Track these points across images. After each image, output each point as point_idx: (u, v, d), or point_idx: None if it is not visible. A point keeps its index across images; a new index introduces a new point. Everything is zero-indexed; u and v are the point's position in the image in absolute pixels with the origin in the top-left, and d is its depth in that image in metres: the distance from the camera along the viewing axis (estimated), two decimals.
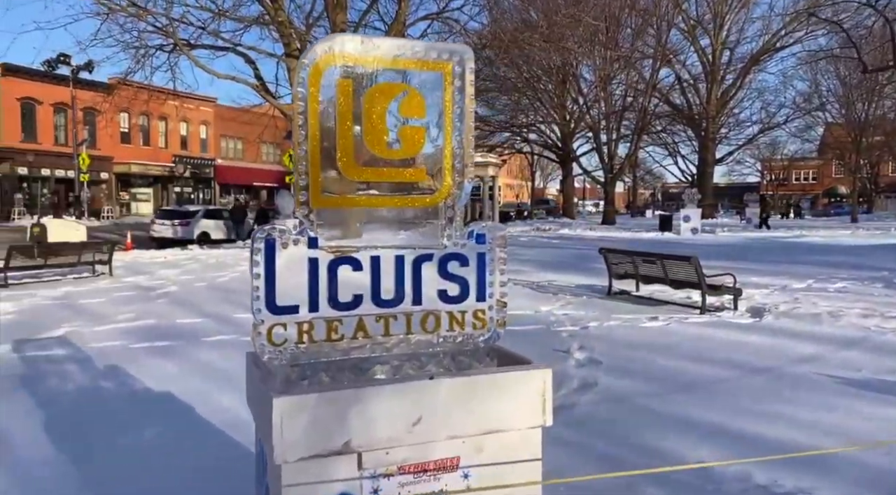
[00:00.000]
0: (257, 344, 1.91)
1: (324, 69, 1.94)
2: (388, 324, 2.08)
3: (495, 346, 2.20)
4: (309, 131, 1.93)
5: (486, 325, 2.18)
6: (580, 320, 8.17)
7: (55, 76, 36.20)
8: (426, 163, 2.10)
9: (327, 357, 2.00)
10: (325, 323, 1.99)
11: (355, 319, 2.04)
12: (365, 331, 2.04)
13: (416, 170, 2.09)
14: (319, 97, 1.94)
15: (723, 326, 7.79)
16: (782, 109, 44.10)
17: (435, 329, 2.13)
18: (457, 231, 2.14)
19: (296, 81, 1.93)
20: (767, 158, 65.09)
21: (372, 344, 2.06)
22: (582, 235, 27.01)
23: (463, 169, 2.12)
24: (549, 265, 14.86)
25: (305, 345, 1.96)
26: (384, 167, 2.06)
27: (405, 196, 2.08)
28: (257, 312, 1.90)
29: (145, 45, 18.04)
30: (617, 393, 5.16)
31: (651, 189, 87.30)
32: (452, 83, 2.06)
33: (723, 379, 5.53)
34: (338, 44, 1.95)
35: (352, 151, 1.99)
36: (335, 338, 2.00)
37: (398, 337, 2.09)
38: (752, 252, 18.29)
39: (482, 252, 2.17)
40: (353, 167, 2.00)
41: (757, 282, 11.16)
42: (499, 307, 2.19)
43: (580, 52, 30.67)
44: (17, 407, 4.89)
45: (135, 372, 5.84)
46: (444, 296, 2.14)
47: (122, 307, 9.45)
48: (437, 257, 2.13)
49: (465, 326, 2.16)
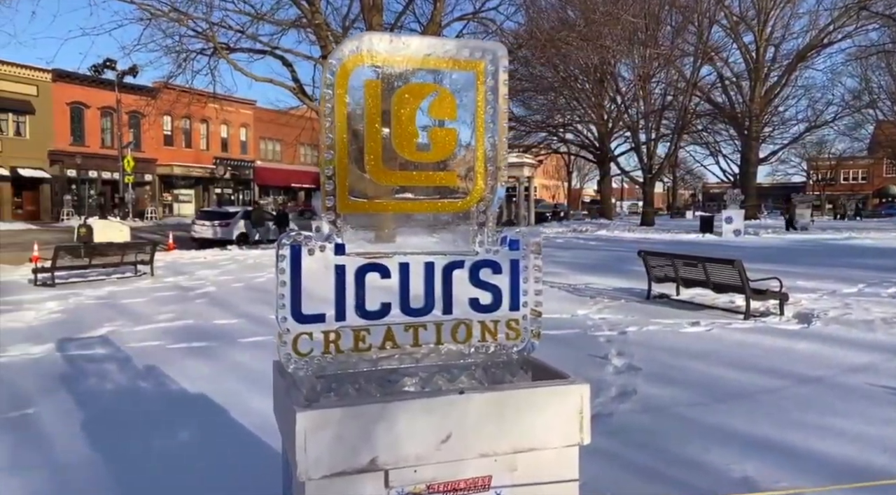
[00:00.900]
0: (282, 353, 1.85)
1: (352, 69, 1.87)
2: (417, 333, 2.00)
3: (530, 358, 2.10)
4: (336, 134, 1.86)
5: (520, 336, 2.08)
6: (618, 324, 7.97)
7: (102, 81, 37.34)
8: (457, 166, 2.01)
9: (354, 368, 1.93)
10: (352, 332, 1.93)
11: (383, 328, 1.97)
12: (393, 340, 1.97)
13: (446, 174, 2.00)
14: (347, 99, 1.87)
15: (768, 333, 7.50)
16: (830, 107, 42.72)
17: (466, 339, 2.04)
18: (489, 236, 2.05)
19: (323, 82, 1.86)
20: (814, 157, 63.10)
21: (400, 354, 1.98)
22: (619, 237, 26.56)
23: (496, 172, 2.03)
24: (585, 267, 14.62)
25: (332, 356, 1.90)
26: (413, 170, 1.98)
27: (435, 200, 2.00)
28: (282, 321, 1.85)
29: (186, 50, 18.42)
30: (657, 401, 4.99)
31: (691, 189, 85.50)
32: (485, 83, 1.96)
33: (769, 388, 5.30)
34: (366, 43, 1.87)
35: (380, 154, 1.92)
36: (362, 348, 1.93)
37: (428, 347, 2.01)
38: (798, 255, 17.68)
39: (516, 259, 2.07)
40: (381, 171, 1.92)
41: (804, 286, 10.75)
42: (533, 316, 2.09)
43: (619, 51, 30.16)
44: (57, 406, 4.98)
45: (171, 373, 5.91)
46: (476, 305, 2.05)
47: (162, 307, 9.62)
48: (469, 264, 2.04)
49: (498, 336, 2.07)
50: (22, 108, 36.67)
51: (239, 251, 20.48)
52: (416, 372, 1.99)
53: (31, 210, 38.19)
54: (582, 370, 5.86)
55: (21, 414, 4.82)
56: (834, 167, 65.29)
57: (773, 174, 71.08)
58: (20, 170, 36.36)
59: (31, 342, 7.28)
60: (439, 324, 2.02)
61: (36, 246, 16.71)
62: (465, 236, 2.05)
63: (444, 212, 2.02)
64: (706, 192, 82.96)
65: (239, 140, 49.57)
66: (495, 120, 2.00)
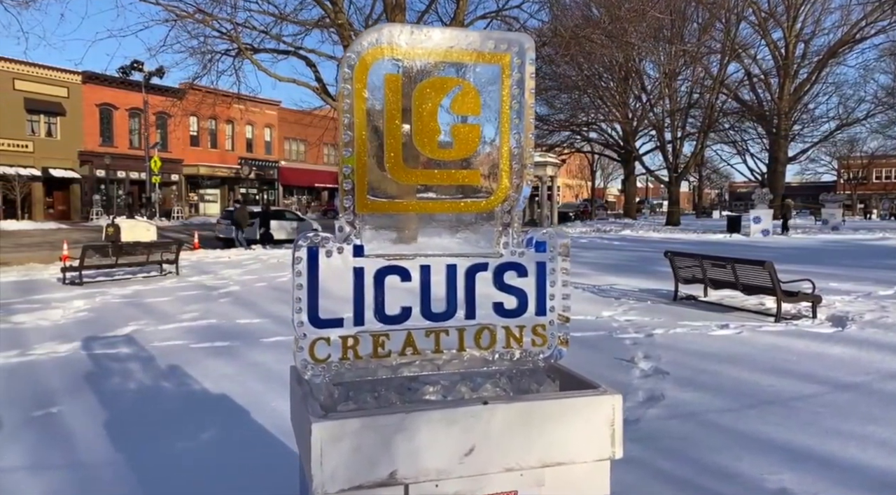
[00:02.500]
0: (299, 359, 1.78)
1: (371, 63, 1.79)
2: (438, 339, 1.91)
3: (557, 366, 2.00)
4: (355, 131, 1.79)
5: (547, 342, 1.98)
6: (644, 327, 7.80)
7: (130, 82, 37.98)
8: (481, 164, 1.92)
9: (373, 375, 1.85)
10: (371, 337, 1.85)
11: (404, 334, 1.88)
12: (414, 346, 1.88)
13: (469, 172, 1.91)
14: (366, 94, 1.79)
15: (801, 336, 7.27)
16: (862, 104, 41.64)
17: (490, 345, 1.95)
18: (514, 238, 1.96)
19: (341, 76, 1.78)
20: (845, 156, 61.68)
21: (421, 361, 1.90)
22: (645, 237, 26.20)
23: (521, 170, 1.93)
24: (610, 268, 14.41)
25: (350, 362, 1.82)
26: (435, 169, 1.89)
27: (458, 200, 1.91)
28: (299, 326, 1.77)
29: (211, 51, 18.58)
30: (686, 407, 4.84)
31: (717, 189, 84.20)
32: (511, 76, 1.87)
33: (803, 394, 5.12)
34: (386, 35, 1.79)
35: (400, 152, 1.83)
36: (382, 354, 1.85)
37: (450, 353, 1.92)
38: (830, 255, 17.24)
39: (542, 261, 1.97)
40: (402, 169, 1.84)
41: (837, 288, 10.45)
42: (561, 322, 1.99)
43: (644, 48, 29.75)
44: (80, 406, 4.99)
45: (194, 373, 5.91)
46: (501, 310, 1.95)
47: (186, 306, 9.68)
48: (493, 266, 1.94)
49: (524, 343, 1.97)
50: (53, 109, 37.47)
51: (262, 250, 20.61)
52: (438, 380, 1.90)
53: (62, 210, 39.01)
54: (608, 373, 5.75)
55: (45, 413, 4.84)
56: (866, 165, 63.76)
57: (802, 173, 69.72)
58: (51, 170, 37.16)
59: (58, 340, 7.36)
60: (462, 329, 1.93)
61: (66, 245, 17.02)
62: (488, 237, 1.96)
63: (467, 213, 1.93)
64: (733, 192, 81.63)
65: (263, 140, 50.05)
66: (521, 115, 1.90)
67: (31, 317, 8.91)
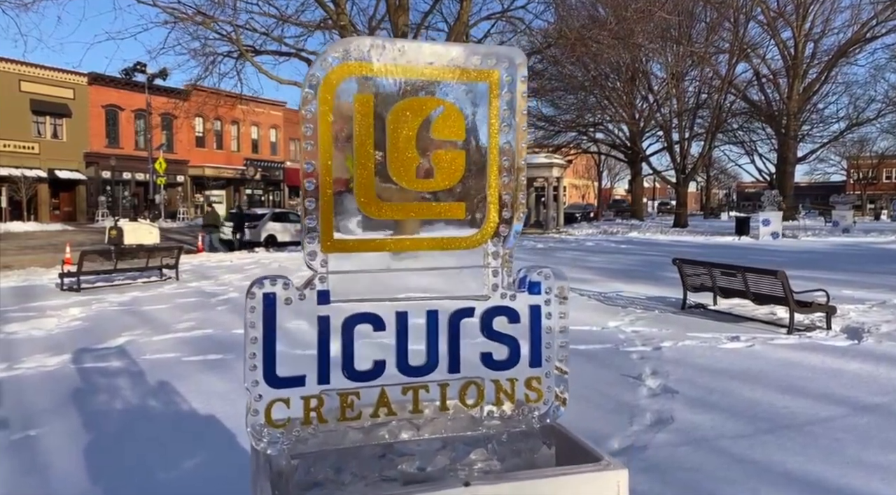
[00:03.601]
0: (253, 425, 1.54)
1: (337, 83, 1.55)
2: (417, 396, 1.67)
3: (555, 426, 1.75)
4: (319, 160, 1.55)
5: (542, 397, 1.74)
6: (652, 339, 7.54)
7: (136, 84, 37.94)
8: (466, 195, 1.68)
9: (340, 441, 1.61)
10: (338, 396, 1.61)
11: (377, 391, 1.65)
12: (388, 406, 1.64)
13: (451, 205, 1.67)
14: (331, 118, 1.55)
15: (816, 350, 6.99)
16: (872, 104, 41.15)
17: (477, 402, 1.71)
18: (505, 278, 1.71)
19: (303, 98, 1.54)
20: (854, 156, 61.05)
21: (398, 422, 1.66)
22: (652, 239, 25.87)
23: (512, 201, 1.69)
24: (616, 273, 14.13)
25: (313, 427, 1.58)
26: (413, 202, 1.65)
27: (439, 237, 1.67)
28: (253, 385, 1.54)
29: (213, 52, 18.40)
30: (697, 432, 4.58)
31: (725, 189, 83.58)
32: (500, 96, 1.63)
33: (822, 417, 4.85)
34: (354, 50, 1.55)
35: (371, 184, 1.60)
36: (350, 417, 1.61)
37: (431, 413, 1.68)
38: (841, 260, 16.89)
39: (537, 305, 1.73)
40: (374, 203, 1.60)
41: (850, 295, 10.14)
42: (559, 375, 1.75)
43: (651, 49, 29.40)
44: (62, 429, 4.78)
45: (184, 390, 5.69)
46: (490, 361, 1.71)
47: (183, 315, 9.48)
48: (481, 311, 1.71)
49: (516, 399, 1.73)
50: (59, 110, 37.48)
51: (265, 254, 20.44)
52: (415, 450, 1.66)
53: (68, 211, 39.03)
54: (614, 392, 5.49)
55: (24, 436, 4.64)
56: (876, 166, 63.08)
57: (811, 173, 69.12)
58: (57, 171, 37.17)
59: (49, 352, 7.17)
60: (444, 384, 1.69)
61: (68, 248, 16.89)
62: (476, 278, 1.72)
63: (450, 251, 1.68)
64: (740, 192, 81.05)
65: (269, 141, 49.97)
66: (512, 140, 1.66)
67: (25, 326, 8.74)
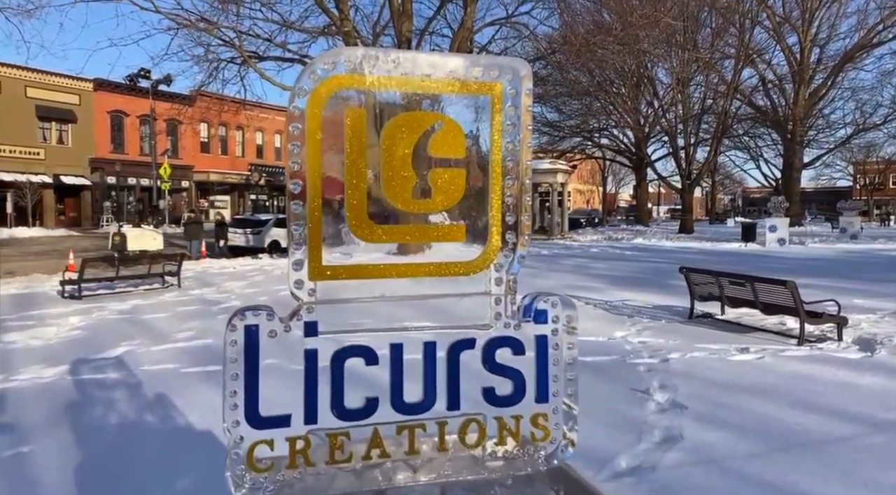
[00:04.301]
0: (233, 470, 1.42)
1: (327, 96, 1.43)
2: (413, 436, 1.54)
3: (562, 468, 1.62)
4: (308, 180, 1.43)
5: (549, 436, 1.61)
6: (659, 350, 7.39)
7: (141, 89, 38.02)
8: (466, 217, 1.55)
9: (328, 487, 1.48)
10: (326, 437, 1.48)
11: (369, 430, 1.52)
12: (382, 447, 1.52)
13: (451, 228, 1.55)
14: (320, 134, 1.43)
15: (827, 362, 6.83)
16: (879, 109, 40.88)
17: (478, 442, 1.58)
18: (508, 306, 1.59)
19: (289, 114, 1.42)
20: (861, 161, 60.72)
21: (392, 464, 1.53)
22: (657, 246, 25.69)
23: (517, 224, 1.56)
24: (622, 281, 13.97)
25: (299, 470, 1.45)
26: (409, 224, 1.52)
27: (437, 263, 1.54)
28: (234, 426, 1.41)
29: (217, 58, 18.36)
30: (708, 451, 4.43)
31: (730, 194, 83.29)
32: (502, 110, 1.50)
33: (837, 435, 4.69)
34: (345, 61, 1.43)
35: (364, 205, 1.47)
36: (340, 459, 1.49)
37: (428, 452, 1.55)
38: (850, 267, 16.69)
39: (543, 335, 1.60)
40: (366, 226, 1.48)
41: (861, 305, 9.96)
42: (567, 411, 1.61)
43: (656, 54, 29.30)
44: (54, 445, 4.67)
45: (181, 404, 5.57)
46: (492, 396, 1.59)
47: (183, 324, 9.37)
48: (482, 342, 1.58)
49: (521, 437, 1.60)
50: (65, 116, 37.59)
51: (269, 260, 20.35)
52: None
53: (73, 216, 39.11)
54: (621, 408, 5.34)
55: (15, 453, 4.52)
56: (883, 171, 62.70)
57: (816, 178, 68.79)
58: (62, 177, 37.26)
59: (46, 363, 7.07)
60: (443, 422, 1.56)
61: (71, 254, 16.83)
62: (476, 306, 1.59)
63: (449, 278, 1.56)
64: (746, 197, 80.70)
65: (274, 147, 50.02)
66: (516, 157, 1.54)
67: (23, 335, 8.64)
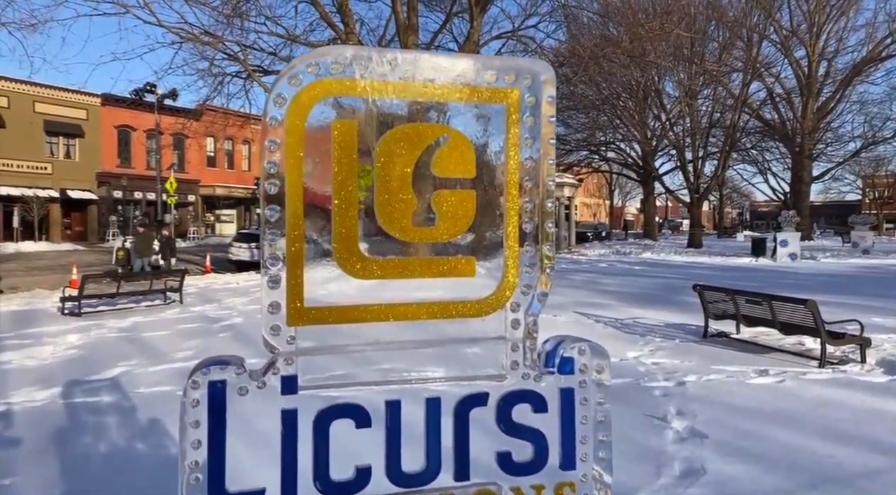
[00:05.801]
0: None
1: (310, 105, 1.19)
2: None
3: None
4: (288, 206, 1.18)
5: None
6: (675, 372, 7.09)
7: (148, 104, 38.15)
8: (477, 248, 1.31)
9: None
10: None
11: None
12: None
13: (459, 261, 1.30)
14: (302, 151, 1.19)
15: (852, 387, 6.51)
16: (888, 122, 40.62)
17: None
18: (528, 354, 1.33)
19: (262, 127, 1.18)
20: (870, 175, 60.30)
21: None
22: (667, 260, 25.35)
23: (536, 255, 1.32)
24: (633, 297, 13.66)
25: None
26: (408, 257, 1.28)
27: (441, 303, 1.29)
28: None
29: (222, 72, 18.30)
30: (733, 486, 4.13)
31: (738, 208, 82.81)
32: (520, 121, 1.26)
33: (869, 469, 4.38)
34: (332, 62, 1.19)
35: (355, 235, 1.23)
36: None
37: None
38: (865, 283, 16.32)
39: (569, 388, 1.34)
40: (357, 259, 1.23)
41: (882, 324, 9.63)
42: (597, 477, 1.35)
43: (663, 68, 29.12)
44: (39, 477, 4.42)
45: (175, 431, 5.31)
46: (508, 463, 1.33)
47: (183, 342, 9.15)
48: (496, 397, 1.32)
49: None
50: (72, 131, 37.73)
51: None
52: None
53: (79, 231, 39.13)
54: (637, 436, 5.05)
55: None
56: (892, 185, 62.22)
57: (825, 192, 68.33)
58: (69, 191, 37.31)
59: (39, 385, 6.85)
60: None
61: (75, 270, 16.69)
62: (489, 353, 1.34)
63: (455, 320, 1.31)
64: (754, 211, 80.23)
65: None
66: (535, 176, 1.29)
67: (19, 354, 8.44)
